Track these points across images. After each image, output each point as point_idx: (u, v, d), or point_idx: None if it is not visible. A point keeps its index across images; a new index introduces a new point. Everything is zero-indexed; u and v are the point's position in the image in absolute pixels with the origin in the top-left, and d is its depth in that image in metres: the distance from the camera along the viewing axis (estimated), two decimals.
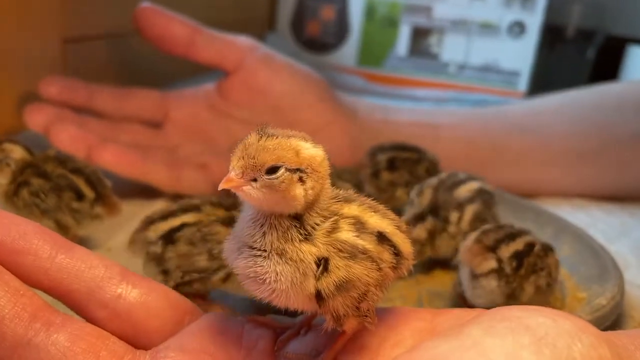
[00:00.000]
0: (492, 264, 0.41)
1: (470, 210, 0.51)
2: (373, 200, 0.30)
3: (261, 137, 0.27)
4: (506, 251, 0.42)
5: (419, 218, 0.50)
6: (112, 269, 0.30)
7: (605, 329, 0.39)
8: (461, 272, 0.44)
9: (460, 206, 0.51)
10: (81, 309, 0.29)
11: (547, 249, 0.44)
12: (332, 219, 0.27)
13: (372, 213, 0.29)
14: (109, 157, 0.55)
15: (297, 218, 0.27)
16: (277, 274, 0.26)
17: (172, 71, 0.80)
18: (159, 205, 0.62)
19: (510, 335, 0.22)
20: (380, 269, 0.27)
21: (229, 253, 0.29)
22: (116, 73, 0.74)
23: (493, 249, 0.42)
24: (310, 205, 0.27)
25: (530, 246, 0.43)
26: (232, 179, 0.27)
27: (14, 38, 0.58)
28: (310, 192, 0.27)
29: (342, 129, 0.68)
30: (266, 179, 0.26)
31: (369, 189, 0.59)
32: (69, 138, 0.55)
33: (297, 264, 0.27)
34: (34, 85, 0.58)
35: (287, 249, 0.27)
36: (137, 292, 0.30)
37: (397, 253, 0.28)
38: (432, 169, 0.61)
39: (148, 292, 0.30)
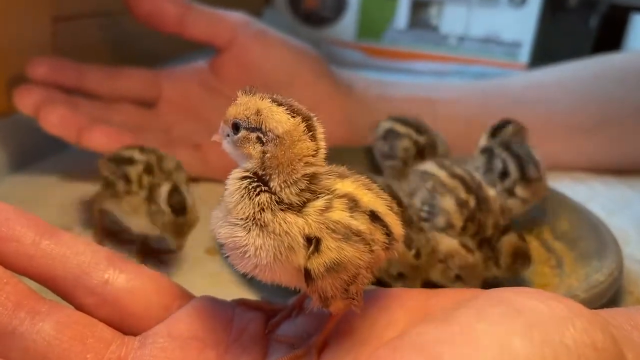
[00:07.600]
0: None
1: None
2: (368, 178, 0.29)
3: (243, 95, 0.27)
4: None
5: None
6: (98, 254, 0.30)
7: (603, 305, 0.39)
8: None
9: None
10: (68, 296, 0.29)
11: None
12: (325, 197, 0.26)
13: (366, 191, 0.28)
14: (100, 139, 0.54)
15: (265, 184, 0.26)
16: (257, 249, 0.25)
17: (164, 49, 0.79)
18: None
19: (502, 320, 0.21)
20: (372, 251, 0.26)
21: (215, 220, 0.28)
22: (107, 52, 0.73)
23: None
24: (274, 171, 0.26)
25: None
26: (217, 133, 0.28)
27: (3, 18, 0.56)
28: (268, 156, 0.26)
29: (338, 106, 0.67)
30: (232, 135, 0.27)
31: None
32: (58, 120, 0.54)
33: (282, 237, 0.25)
34: (24, 66, 0.57)
35: (267, 220, 0.25)
36: (124, 278, 0.29)
37: (388, 233, 0.28)
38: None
39: (136, 277, 0.30)
